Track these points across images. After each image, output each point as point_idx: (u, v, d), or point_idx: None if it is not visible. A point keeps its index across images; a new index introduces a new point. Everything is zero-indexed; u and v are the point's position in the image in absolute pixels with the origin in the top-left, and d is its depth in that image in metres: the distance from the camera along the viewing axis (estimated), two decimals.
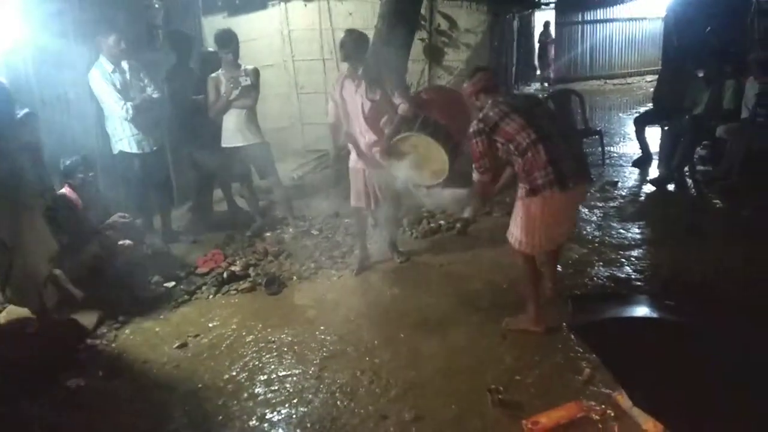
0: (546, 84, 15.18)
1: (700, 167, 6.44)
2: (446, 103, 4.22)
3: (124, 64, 4.78)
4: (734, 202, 5.30)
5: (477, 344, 3.35)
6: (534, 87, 15.36)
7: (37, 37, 4.45)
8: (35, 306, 3.43)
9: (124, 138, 4.80)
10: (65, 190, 4.25)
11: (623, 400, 2.56)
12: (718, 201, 5.52)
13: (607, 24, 15.64)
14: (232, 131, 5.18)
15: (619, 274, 4.12)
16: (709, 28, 7.78)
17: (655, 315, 2.08)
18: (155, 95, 4.90)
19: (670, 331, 1.93)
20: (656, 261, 4.32)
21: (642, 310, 2.15)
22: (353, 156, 4.30)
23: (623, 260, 4.33)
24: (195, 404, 3.04)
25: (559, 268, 4.24)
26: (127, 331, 3.89)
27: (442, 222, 5.27)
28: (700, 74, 6.32)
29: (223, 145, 5.24)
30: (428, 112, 4.05)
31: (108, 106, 4.70)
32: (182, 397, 3.12)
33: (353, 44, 4.06)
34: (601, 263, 4.31)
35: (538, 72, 15.85)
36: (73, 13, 4.90)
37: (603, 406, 2.65)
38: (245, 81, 5.04)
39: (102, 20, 4.94)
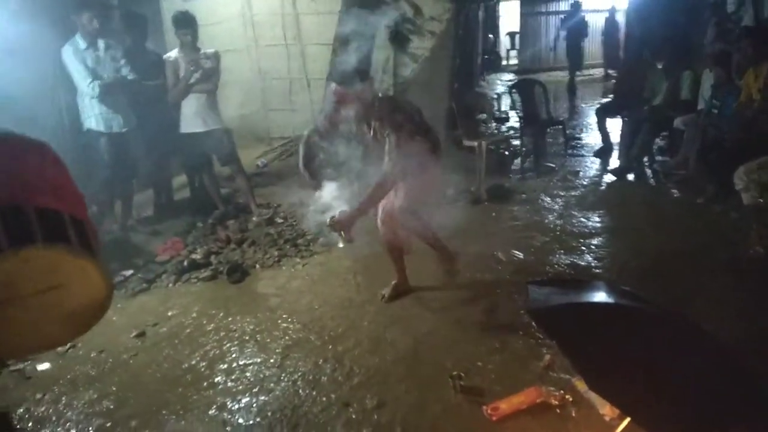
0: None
1: (658, 157, 6.59)
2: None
3: (100, 43, 4.67)
4: (690, 192, 5.44)
5: (439, 331, 3.37)
6: (505, 77, 15.46)
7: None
8: None
9: (92, 115, 4.69)
10: None
11: (582, 385, 2.61)
12: (675, 190, 5.66)
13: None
14: (192, 117, 5.07)
15: (580, 262, 4.19)
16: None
17: (612, 300, 2.10)
18: (130, 77, 4.79)
19: (626, 316, 1.96)
20: (615, 249, 4.41)
21: (600, 296, 2.17)
22: None
23: (583, 248, 4.41)
24: (153, 393, 2.98)
25: (521, 255, 4.32)
26: None
27: None
28: (659, 65, 6.45)
29: (182, 131, 5.12)
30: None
31: (76, 83, 4.62)
32: (140, 386, 3.05)
33: None
34: (562, 251, 4.38)
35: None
36: None
37: (562, 392, 2.69)
38: (207, 63, 4.93)
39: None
